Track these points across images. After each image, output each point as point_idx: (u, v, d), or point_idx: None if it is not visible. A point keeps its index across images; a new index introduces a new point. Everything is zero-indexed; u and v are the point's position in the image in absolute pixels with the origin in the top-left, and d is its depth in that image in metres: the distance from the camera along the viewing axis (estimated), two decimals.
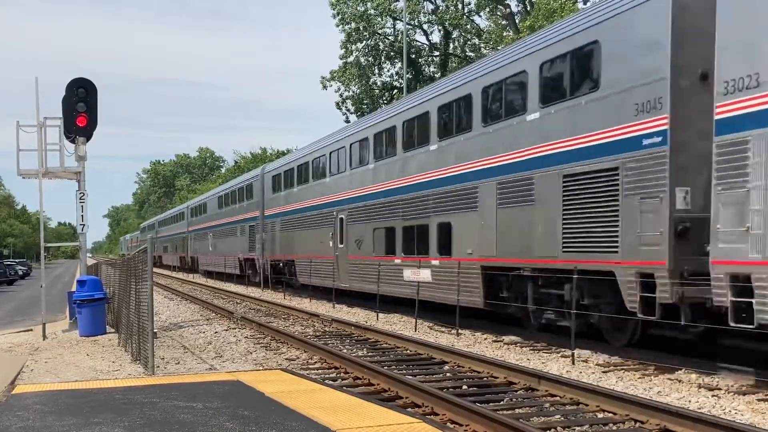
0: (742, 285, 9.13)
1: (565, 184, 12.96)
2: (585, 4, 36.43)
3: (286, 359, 13.12)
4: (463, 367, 11.62)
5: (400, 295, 19.31)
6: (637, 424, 7.94)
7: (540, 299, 13.99)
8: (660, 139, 11.05)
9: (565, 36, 13.18)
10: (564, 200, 12.97)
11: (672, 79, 10.94)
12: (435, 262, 17.53)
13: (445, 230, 17.14)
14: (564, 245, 12.93)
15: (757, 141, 9.03)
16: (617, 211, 11.75)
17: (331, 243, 24.63)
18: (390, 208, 20.25)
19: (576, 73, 12.95)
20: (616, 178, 11.78)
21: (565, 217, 12.92)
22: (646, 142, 11.30)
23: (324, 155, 25.90)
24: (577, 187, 12.69)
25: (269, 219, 32.77)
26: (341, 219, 23.84)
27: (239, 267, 38.50)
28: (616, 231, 11.75)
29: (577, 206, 12.66)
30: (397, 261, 19.55)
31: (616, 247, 11.73)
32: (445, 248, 17.15)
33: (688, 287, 10.49)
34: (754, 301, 8.94)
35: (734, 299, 9.25)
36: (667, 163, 10.87)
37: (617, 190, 11.76)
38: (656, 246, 10.94)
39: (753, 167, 9.10)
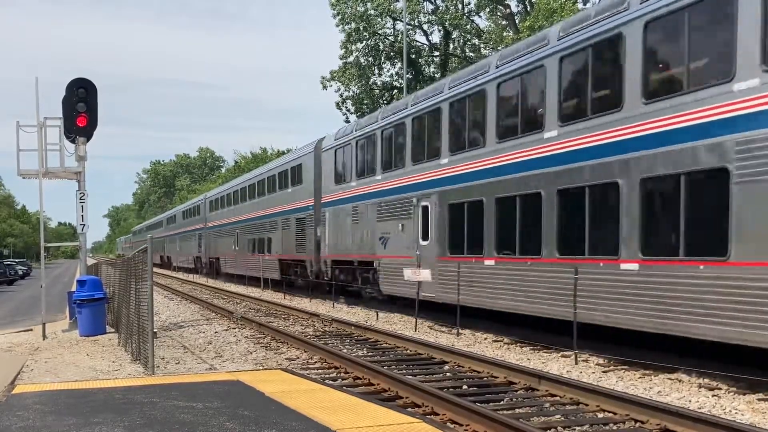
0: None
1: (296, 222, 28.78)
2: (585, 4, 36.41)
3: (286, 359, 13.12)
4: (463, 366, 11.62)
5: (257, 275, 34.54)
6: (638, 424, 7.94)
7: (295, 273, 29.98)
8: (312, 208, 26.71)
9: (293, 158, 30.22)
10: (296, 229, 28.76)
11: (314, 187, 26.49)
12: (267, 258, 33.31)
13: (269, 240, 33.18)
14: (296, 249, 28.70)
15: (328, 212, 24.70)
16: (305, 234, 27.66)
17: (233, 246, 40.75)
18: (253, 228, 36.20)
19: (296, 175, 29.06)
20: (304, 220, 27.72)
21: (296, 236, 28.70)
22: (310, 208, 26.89)
23: (230, 193, 43.10)
24: (298, 223, 28.52)
25: (208, 230, 48.72)
26: (237, 232, 40.03)
27: (194, 263, 54.54)
28: (304, 243, 27.70)
29: (298, 232, 28.48)
30: (256, 256, 35.16)
31: (305, 249, 27.64)
32: (269, 250, 33.13)
33: (318, 267, 26.09)
34: (328, 270, 24.95)
35: (326, 269, 25.05)
36: (314, 218, 26.45)
37: (304, 225, 27.65)
38: (312, 249, 26.73)
39: (326, 221, 24.78)
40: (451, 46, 51.39)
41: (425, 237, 17.93)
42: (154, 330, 12.29)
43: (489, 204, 15.13)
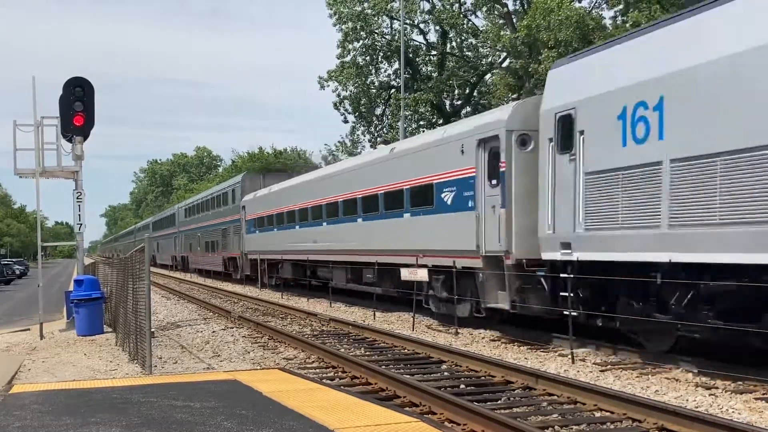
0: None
1: (233, 229, 39.14)
2: (580, 2, 36.34)
3: (284, 358, 13.12)
4: (460, 366, 11.62)
5: (211, 269, 45.69)
6: (635, 423, 7.95)
7: (232, 266, 39.95)
8: (239, 221, 37.57)
9: (229, 185, 42.68)
10: (232, 235, 38.96)
11: (240, 207, 37.90)
12: (215, 255, 43.57)
13: (216, 242, 43.58)
14: (231, 248, 39.02)
15: (244, 225, 37.16)
16: (236, 239, 38.09)
17: (197, 247, 50.66)
18: (207, 233, 46.05)
19: (232, 197, 40.02)
20: (228, 230, 40.55)
21: (232, 240, 39.13)
22: (238, 221, 38.04)
23: (194, 205, 53.29)
24: (234, 230, 38.52)
25: (181, 233, 58.66)
26: (198, 236, 49.69)
27: (172, 261, 65.04)
28: (236, 244, 38.03)
29: (233, 237, 38.90)
30: (210, 254, 44.85)
31: (237, 249, 38.02)
32: (215, 249, 43.16)
33: (242, 261, 38.11)
34: (246, 262, 37.62)
35: (246, 262, 37.16)
36: (241, 228, 37.34)
37: (228, 233, 40.33)
38: (239, 249, 37.74)
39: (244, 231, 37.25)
40: (449, 45, 51.32)
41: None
42: (152, 329, 12.28)
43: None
